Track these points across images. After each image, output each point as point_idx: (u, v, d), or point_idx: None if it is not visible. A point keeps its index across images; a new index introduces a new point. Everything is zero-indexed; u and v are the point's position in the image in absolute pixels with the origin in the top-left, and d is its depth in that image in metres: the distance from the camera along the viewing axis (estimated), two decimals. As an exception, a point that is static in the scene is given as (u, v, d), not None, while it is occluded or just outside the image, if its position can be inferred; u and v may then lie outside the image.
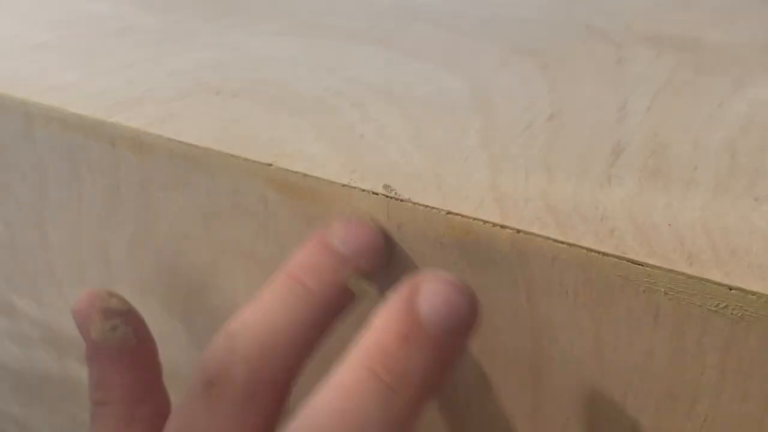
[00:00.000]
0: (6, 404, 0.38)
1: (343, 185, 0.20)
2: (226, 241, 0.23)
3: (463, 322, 0.16)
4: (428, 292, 0.16)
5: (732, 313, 0.16)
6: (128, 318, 0.22)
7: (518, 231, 0.17)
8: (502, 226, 0.18)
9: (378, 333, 0.16)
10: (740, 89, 0.26)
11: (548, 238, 0.17)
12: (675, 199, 0.18)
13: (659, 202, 0.18)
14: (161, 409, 0.23)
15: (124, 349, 0.22)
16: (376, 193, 0.19)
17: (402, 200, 0.18)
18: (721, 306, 0.16)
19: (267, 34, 0.34)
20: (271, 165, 0.21)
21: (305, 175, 0.20)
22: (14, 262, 0.31)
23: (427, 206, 0.19)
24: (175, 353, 0.27)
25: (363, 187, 0.19)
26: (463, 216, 0.18)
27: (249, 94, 0.26)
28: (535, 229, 0.17)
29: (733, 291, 0.15)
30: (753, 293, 0.15)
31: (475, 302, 0.16)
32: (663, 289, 0.16)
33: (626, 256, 0.16)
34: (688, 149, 0.21)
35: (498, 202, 0.18)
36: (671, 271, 0.16)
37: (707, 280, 0.16)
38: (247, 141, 0.22)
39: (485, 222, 0.18)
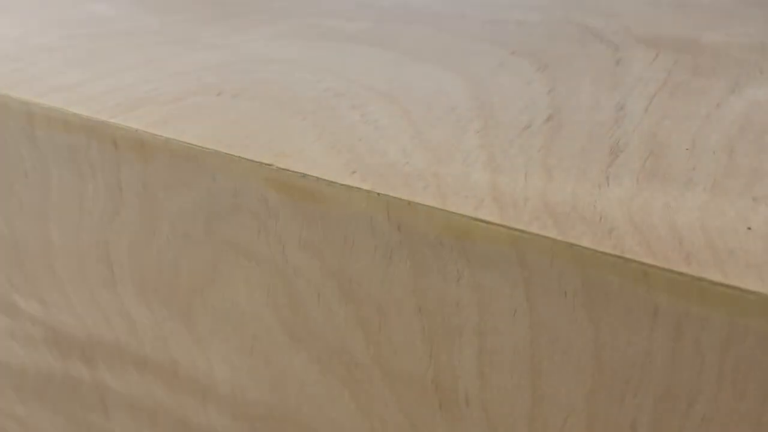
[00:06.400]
0: (8, 403, 0.38)
1: (343, 185, 0.20)
2: (226, 241, 0.23)
3: None
4: None
5: (730, 313, 0.16)
6: None
7: (517, 231, 0.17)
8: (502, 226, 0.18)
9: None
10: (738, 90, 0.26)
11: (547, 238, 0.17)
12: (673, 199, 0.19)
13: (657, 202, 0.18)
14: None
15: None
16: (376, 193, 0.19)
17: None
18: (719, 305, 0.16)
19: (268, 35, 0.34)
20: (271, 165, 0.21)
21: (305, 175, 0.20)
22: (16, 262, 0.31)
23: (427, 206, 0.19)
24: (175, 353, 0.27)
25: (363, 187, 0.19)
26: (462, 216, 0.18)
27: (250, 95, 0.26)
28: (534, 229, 0.17)
29: (731, 290, 0.15)
30: (751, 293, 0.15)
31: None
32: (661, 289, 0.16)
33: (625, 255, 0.16)
34: (686, 150, 0.21)
35: (497, 202, 0.19)
36: (669, 270, 0.16)
37: (705, 280, 0.16)
38: (247, 141, 0.22)
39: (485, 222, 0.18)
